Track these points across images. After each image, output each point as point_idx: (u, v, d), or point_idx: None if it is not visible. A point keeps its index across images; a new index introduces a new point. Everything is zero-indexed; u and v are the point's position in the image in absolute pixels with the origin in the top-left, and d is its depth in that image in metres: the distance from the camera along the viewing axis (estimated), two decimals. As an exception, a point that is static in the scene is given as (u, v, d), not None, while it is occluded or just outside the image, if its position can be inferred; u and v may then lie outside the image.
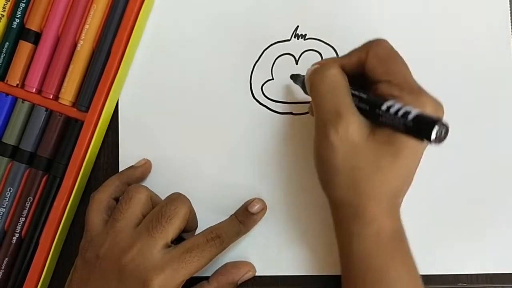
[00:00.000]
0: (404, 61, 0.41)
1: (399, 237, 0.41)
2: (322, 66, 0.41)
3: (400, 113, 0.37)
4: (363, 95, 0.41)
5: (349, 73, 0.42)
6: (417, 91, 0.39)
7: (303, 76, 0.45)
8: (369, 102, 0.40)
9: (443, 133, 0.35)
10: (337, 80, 0.40)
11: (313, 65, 0.43)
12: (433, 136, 0.35)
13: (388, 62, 0.40)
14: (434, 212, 0.49)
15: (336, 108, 0.39)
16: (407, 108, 0.37)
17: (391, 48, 0.41)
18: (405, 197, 0.44)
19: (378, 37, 0.42)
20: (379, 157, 0.39)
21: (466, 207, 0.49)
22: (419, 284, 0.42)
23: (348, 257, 0.41)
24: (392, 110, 0.37)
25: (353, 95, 0.41)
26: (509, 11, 0.50)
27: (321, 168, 0.41)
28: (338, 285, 0.47)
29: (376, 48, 0.41)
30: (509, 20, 0.50)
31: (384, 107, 0.38)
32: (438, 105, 0.40)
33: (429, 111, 0.38)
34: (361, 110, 0.40)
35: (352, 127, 0.39)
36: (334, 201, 0.42)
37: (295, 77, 0.48)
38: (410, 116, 0.36)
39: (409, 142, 0.38)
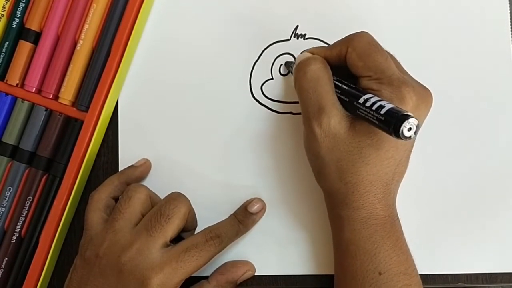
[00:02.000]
0: (384, 53, 0.41)
1: (390, 222, 0.42)
2: (305, 61, 0.43)
3: (374, 107, 0.38)
4: (345, 87, 0.41)
5: (334, 64, 0.43)
6: (396, 83, 0.40)
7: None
8: (349, 95, 0.41)
9: (411, 129, 0.36)
10: (318, 76, 0.42)
11: (301, 52, 0.45)
12: (401, 132, 0.35)
13: (366, 57, 0.41)
14: (434, 212, 0.49)
15: (318, 102, 0.41)
16: (382, 103, 0.38)
17: (370, 41, 0.42)
18: (405, 197, 0.44)
19: (360, 30, 0.43)
20: (361, 149, 0.40)
21: (466, 207, 0.49)
22: (410, 266, 0.42)
23: (339, 241, 0.43)
24: (368, 104, 0.38)
25: (336, 86, 0.42)
26: (509, 11, 0.50)
27: (311, 160, 0.43)
28: (338, 284, 0.47)
29: (354, 43, 0.42)
30: (509, 20, 0.50)
31: (361, 100, 0.39)
32: (423, 95, 0.40)
33: (409, 103, 0.39)
34: (343, 102, 0.41)
35: (333, 120, 0.40)
36: (325, 190, 0.44)
37: (287, 64, 0.49)
38: (382, 111, 0.37)
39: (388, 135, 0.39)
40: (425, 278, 0.48)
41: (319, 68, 0.42)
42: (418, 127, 0.36)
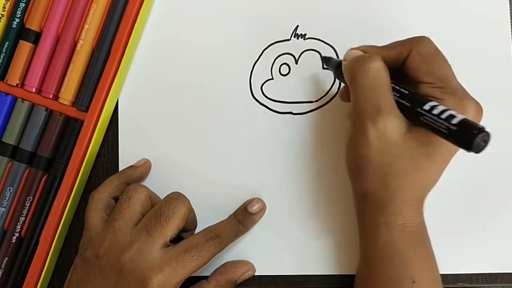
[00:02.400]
0: (447, 62, 0.40)
1: (422, 231, 0.42)
2: (366, 57, 0.41)
3: (444, 115, 0.36)
4: (405, 91, 0.40)
5: (387, 65, 0.41)
6: (460, 95, 0.39)
7: (337, 60, 0.45)
8: (411, 100, 0.39)
9: (485, 142, 0.34)
10: (380, 75, 0.40)
11: (351, 49, 0.43)
12: (474, 145, 0.34)
13: (432, 63, 0.40)
14: (434, 212, 0.48)
15: (377, 104, 0.39)
16: (452, 112, 0.36)
17: (436, 47, 0.41)
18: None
19: (421, 35, 0.41)
20: (414, 157, 0.39)
21: (466, 207, 0.49)
22: (438, 273, 0.42)
23: (373, 246, 0.42)
24: (436, 112, 0.37)
25: (393, 89, 0.40)
26: (509, 11, 0.50)
27: (352, 160, 0.41)
28: (338, 284, 0.47)
29: (420, 47, 0.40)
30: (509, 20, 0.50)
31: (427, 107, 0.37)
32: (479, 110, 0.40)
33: (470, 116, 0.38)
34: (401, 106, 0.39)
35: (390, 125, 0.39)
36: (362, 192, 0.42)
37: (327, 60, 0.47)
38: (454, 121, 0.35)
39: (445, 145, 0.38)
40: (425, 278, 0.48)
41: (381, 67, 0.40)
42: (489, 140, 0.34)
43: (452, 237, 0.49)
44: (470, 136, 0.34)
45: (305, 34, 0.50)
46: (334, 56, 0.49)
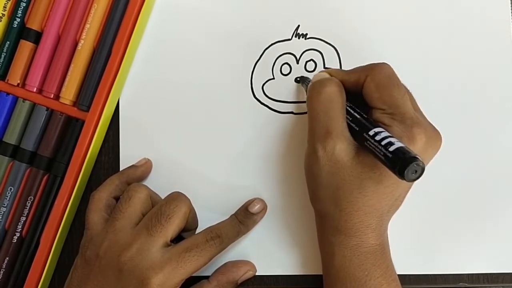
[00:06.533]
0: (401, 88, 0.41)
1: (380, 251, 0.42)
2: (320, 82, 0.42)
3: (384, 142, 0.37)
4: (356, 115, 0.41)
5: (349, 90, 0.42)
6: (409, 122, 0.39)
7: (309, 80, 0.46)
8: (360, 124, 0.40)
9: (416, 172, 0.35)
10: (332, 99, 0.41)
11: (320, 72, 0.45)
12: (405, 173, 0.35)
13: (383, 89, 0.41)
14: (435, 212, 0.49)
15: (327, 125, 0.40)
16: (392, 139, 0.37)
17: (390, 74, 0.41)
18: (407, 197, 0.44)
19: (381, 61, 0.42)
20: (362, 180, 0.40)
21: (466, 207, 0.49)
22: None
23: (329, 266, 0.42)
24: (378, 138, 0.38)
25: (348, 112, 0.41)
26: (510, 11, 0.50)
27: (309, 180, 0.43)
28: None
29: (374, 73, 0.41)
30: (510, 20, 0.50)
31: (371, 132, 0.38)
32: (433, 138, 0.40)
33: (419, 144, 0.39)
34: (352, 130, 0.41)
35: (338, 147, 0.40)
36: (318, 212, 0.43)
37: (302, 79, 0.48)
38: (391, 148, 0.36)
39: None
40: (427, 278, 0.48)
41: (334, 91, 0.41)
42: (423, 171, 0.35)
43: (453, 237, 0.49)
44: (402, 165, 0.35)
45: (306, 34, 0.50)
46: (335, 56, 0.49)
